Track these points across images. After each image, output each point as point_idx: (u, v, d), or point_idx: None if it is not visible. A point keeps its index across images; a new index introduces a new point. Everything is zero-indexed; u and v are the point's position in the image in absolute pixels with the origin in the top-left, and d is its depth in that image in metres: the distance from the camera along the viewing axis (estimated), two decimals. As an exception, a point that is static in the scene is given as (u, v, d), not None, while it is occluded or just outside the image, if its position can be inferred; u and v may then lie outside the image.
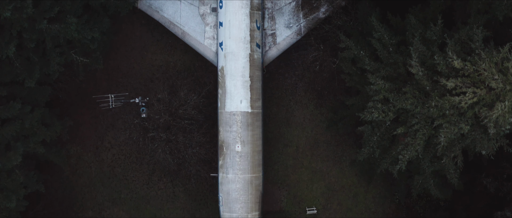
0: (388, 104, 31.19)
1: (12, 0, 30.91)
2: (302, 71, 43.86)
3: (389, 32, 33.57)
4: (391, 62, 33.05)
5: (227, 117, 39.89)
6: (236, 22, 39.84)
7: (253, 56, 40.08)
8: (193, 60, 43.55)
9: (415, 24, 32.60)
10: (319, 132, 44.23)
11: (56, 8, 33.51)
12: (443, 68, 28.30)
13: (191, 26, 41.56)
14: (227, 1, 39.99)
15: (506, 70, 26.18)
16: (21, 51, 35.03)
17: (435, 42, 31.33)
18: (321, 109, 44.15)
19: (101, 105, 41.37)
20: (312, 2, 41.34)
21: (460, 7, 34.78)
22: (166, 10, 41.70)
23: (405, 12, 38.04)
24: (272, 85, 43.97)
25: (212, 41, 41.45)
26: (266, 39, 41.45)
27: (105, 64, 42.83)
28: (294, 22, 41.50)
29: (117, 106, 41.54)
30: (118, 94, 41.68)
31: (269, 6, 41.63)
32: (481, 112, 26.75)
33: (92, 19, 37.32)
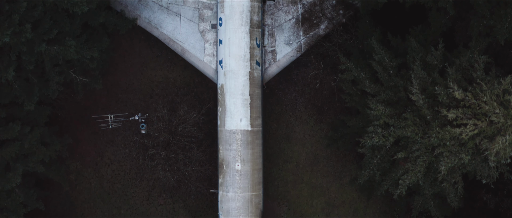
0: (388, 128, 31.10)
1: (11, 25, 30.71)
2: (302, 87, 43.72)
3: (390, 54, 33.42)
4: (391, 85, 32.92)
5: (227, 136, 39.79)
6: (236, 40, 39.67)
7: (253, 74, 39.93)
8: (193, 76, 43.41)
9: (416, 47, 32.45)
10: (319, 148, 44.15)
11: (55, 31, 33.35)
12: (443, 98, 28.19)
13: (190, 43, 41.39)
14: (226, 19, 39.81)
15: (507, 103, 26.06)
16: (20, 72, 34.87)
17: (436, 67, 31.18)
18: (321, 124, 44.05)
19: (101, 125, 41.24)
20: (312, 18, 41.17)
21: (461, 28, 34.63)
22: (165, 26, 41.53)
23: (406, 31, 37.95)
24: (272, 100, 43.86)
25: (212, 58, 41.29)
26: (266, 56, 41.30)
27: (104, 79, 42.66)
28: (294, 39, 41.34)
29: (116, 126, 41.40)
30: (117, 114, 41.55)
31: (269, 22, 41.45)
32: (482, 143, 26.68)
33: (91, 39, 37.19)
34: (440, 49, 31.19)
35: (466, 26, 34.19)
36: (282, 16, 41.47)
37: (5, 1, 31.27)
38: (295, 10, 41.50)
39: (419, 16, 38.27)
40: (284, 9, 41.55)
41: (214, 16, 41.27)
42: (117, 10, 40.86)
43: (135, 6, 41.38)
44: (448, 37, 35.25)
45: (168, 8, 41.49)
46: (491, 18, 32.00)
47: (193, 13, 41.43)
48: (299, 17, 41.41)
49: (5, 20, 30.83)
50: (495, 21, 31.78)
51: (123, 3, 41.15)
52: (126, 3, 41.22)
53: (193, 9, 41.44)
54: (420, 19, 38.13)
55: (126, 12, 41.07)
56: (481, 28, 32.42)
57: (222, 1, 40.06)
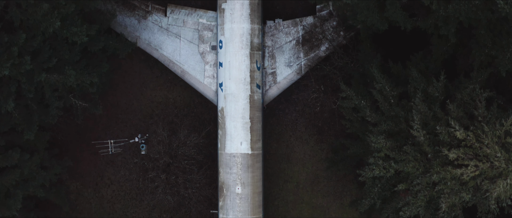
0: (389, 161, 31.05)
1: (10, 58, 30.55)
2: (303, 107, 43.58)
3: (390, 83, 33.30)
4: (392, 114, 32.83)
5: (227, 159, 39.74)
6: (236, 63, 39.52)
7: (253, 97, 39.81)
8: (193, 96, 43.27)
9: (417, 77, 32.33)
10: (319, 168, 44.09)
11: (54, 59, 33.20)
12: (445, 137, 28.13)
13: (190, 64, 41.23)
14: (227, 42, 39.64)
15: (509, 146, 26.00)
16: (20, 99, 34.74)
17: (437, 99, 31.07)
18: (321, 145, 43.98)
19: (101, 151, 41.15)
20: (312, 40, 40.99)
21: (462, 56, 34.49)
22: (165, 48, 41.35)
23: (407, 56, 37.80)
24: (272, 121, 43.75)
25: (212, 80, 41.15)
26: (266, 78, 41.16)
27: (104, 100, 42.58)
28: (294, 60, 41.18)
29: (116, 152, 41.33)
30: (117, 140, 41.47)
31: (269, 44, 41.27)
32: (483, 184, 26.66)
33: (91, 63, 37.03)
34: (441, 80, 31.07)
35: (467, 53, 34.05)
36: (283, 37, 41.29)
37: (4, 33, 31.09)
38: (296, 31, 41.32)
39: (420, 40, 38.11)
40: (285, 31, 41.37)
41: (214, 37, 41.10)
42: (116, 31, 40.68)
43: (134, 27, 41.19)
44: (449, 65, 35.13)
45: (168, 30, 41.31)
46: (492, 48, 31.86)
47: (193, 34, 41.24)
48: (299, 38, 41.24)
49: (4, 52, 30.67)
50: (496, 51, 31.65)
51: (123, 24, 40.94)
52: (126, 24, 41.03)
53: (193, 31, 41.25)
54: (421, 43, 38.00)
55: (126, 33, 40.93)
56: (483, 57, 32.30)
57: (222, 24, 39.87)
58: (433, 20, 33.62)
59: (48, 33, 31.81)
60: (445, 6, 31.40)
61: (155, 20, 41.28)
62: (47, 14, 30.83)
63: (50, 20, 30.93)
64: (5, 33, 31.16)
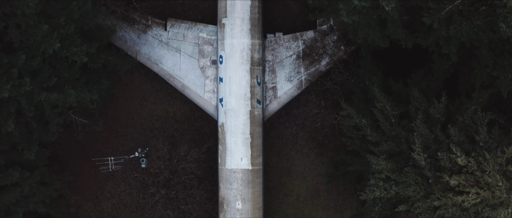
0: (390, 182, 30.99)
1: (10, 79, 30.42)
2: (303, 120, 43.47)
3: (392, 102, 33.19)
4: (393, 134, 32.75)
5: (227, 174, 39.68)
6: (236, 78, 39.41)
7: (253, 113, 39.72)
8: (193, 110, 43.16)
9: (418, 97, 32.22)
10: (320, 181, 44.04)
11: (54, 79, 33.06)
12: (446, 163, 28.05)
13: (191, 79, 41.12)
14: (227, 57, 39.52)
15: (511, 174, 25.91)
16: (20, 118, 34.64)
17: (438, 120, 30.98)
18: (322, 158, 43.91)
19: (101, 168, 41.08)
20: (313, 54, 40.86)
21: (464, 74, 34.37)
22: (165, 62, 41.23)
23: (408, 72, 37.71)
24: (273, 134, 43.67)
25: (212, 95, 41.04)
26: (266, 93, 41.05)
27: (104, 113, 42.49)
28: (295, 75, 41.07)
29: (116, 169, 41.26)
30: (117, 157, 41.39)
31: (269, 58, 41.14)
32: (484, 211, 26.60)
33: (91, 80, 36.89)
34: (443, 101, 30.97)
35: (469, 72, 33.93)
36: (283, 52, 41.17)
37: (4, 54, 30.95)
38: (296, 46, 41.19)
39: (421, 55, 37.98)
40: (285, 45, 41.24)
41: (215, 51, 40.97)
42: (116, 45, 40.55)
43: (134, 42, 41.06)
44: (450, 83, 35.02)
45: (168, 44, 41.17)
46: (494, 68, 31.75)
47: (193, 48, 41.11)
48: (300, 53, 41.12)
49: (4, 74, 30.52)
50: (498, 72, 31.53)
51: (123, 38, 40.80)
52: (125, 39, 40.89)
53: (193, 45, 41.12)
54: (422, 58, 37.87)
55: (126, 47, 40.83)
56: (484, 77, 32.19)
57: (222, 39, 39.74)
58: (435, 38, 33.51)
59: (48, 54, 31.65)
60: (447, 26, 31.28)
61: (155, 35, 41.15)
62: (47, 35, 30.69)
63: (50, 41, 30.79)
64: (5, 54, 31.00)
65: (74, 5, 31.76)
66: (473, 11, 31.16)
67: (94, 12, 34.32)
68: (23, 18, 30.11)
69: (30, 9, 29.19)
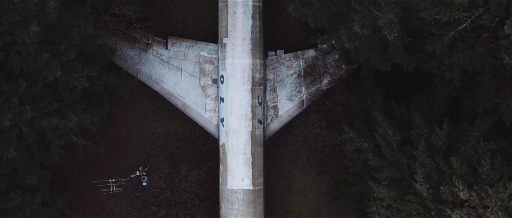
0: (391, 209, 31.01)
1: (11, 108, 30.31)
2: (304, 138, 43.43)
3: (394, 127, 33.15)
4: (395, 160, 32.74)
5: (228, 195, 39.68)
6: (237, 98, 39.32)
7: (254, 133, 39.66)
8: (194, 127, 43.09)
9: (421, 123, 32.18)
10: (320, 199, 44.06)
11: (55, 104, 32.96)
12: (448, 196, 28.05)
13: (191, 98, 41.02)
14: (228, 77, 39.41)
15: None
16: (21, 142, 34.52)
17: (440, 148, 30.97)
18: (323, 175, 43.91)
19: (102, 190, 41.05)
20: (314, 73, 40.76)
21: (466, 99, 34.29)
22: (166, 81, 41.12)
23: (410, 93, 37.64)
24: (274, 151, 43.64)
25: (213, 114, 40.97)
26: (268, 112, 40.98)
27: (105, 131, 42.42)
28: (296, 94, 41.00)
29: (118, 191, 41.23)
30: (118, 179, 41.34)
31: (270, 77, 41.04)
32: (487, 245, 26.72)
33: (92, 102, 36.78)
34: (445, 129, 30.94)
35: (471, 97, 33.85)
36: (284, 70, 41.07)
37: (4, 81, 30.82)
38: (297, 64, 41.09)
39: (424, 76, 37.87)
40: (286, 64, 41.13)
41: (215, 70, 40.86)
42: (117, 64, 40.42)
43: (135, 60, 40.92)
44: (453, 107, 34.95)
45: (168, 63, 41.05)
46: (496, 95, 31.69)
47: (194, 67, 41.00)
48: (301, 71, 41.01)
49: (5, 102, 30.41)
50: (500, 99, 31.46)
51: (124, 57, 40.67)
52: (126, 57, 40.76)
53: (194, 64, 41.00)
54: (424, 79, 37.75)
55: (126, 66, 40.73)
56: (487, 104, 32.11)
57: (223, 59, 39.63)
58: (437, 63, 33.43)
59: (49, 80, 31.53)
60: (449, 54, 31.21)
61: (156, 53, 41.00)
62: (48, 63, 30.55)
63: (51, 69, 30.66)
64: (5, 81, 30.86)
65: (75, 31, 31.61)
66: (475, 38, 31.08)
67: (95, 35, 34.17)
68: (24, 47, 29.96)
69: (30, 38, 29.04)
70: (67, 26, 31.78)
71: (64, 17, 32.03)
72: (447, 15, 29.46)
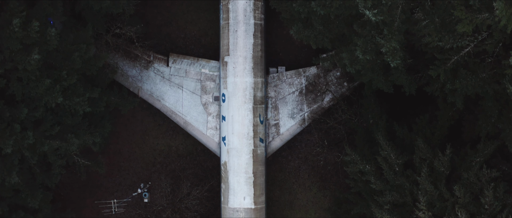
0: (394, 234, 31.06)
1: (12, 134, 30.24)
2: (305, 154, 43.35)
3: (396, 151, 33.08)
4: (397, 184, 32.70)
5: (230, 213, 39.65)
6: (239, 117, 39.23)
7: (256, 152, 39.58)
8: (195, 144, 43.02)
9: (423, 148, 32.12)
10: (322, 215, 44.04)
11: (57, 128, 32.88)
12: (451, 227, 28.14)
13: (193, 115, 40.93)
14: (230, 96, 39.30)
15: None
16: (22, 164, 34.47)
17: (443, 173, 30.92)
18: (324, 191, 43.88)
19: (104, 211, 41.01)
20: (316, 91, 40.65)
21: (468, 122, 34.20)
22: (167, 99, 41.01)
23: (412, 113, 37.58)
24: (275, 168, 43.61)
25: (215, 132, 40.88)
26: (269, 130, 40.89)
27: (107, 148, 42.36)
28: (297, 111, 40.90)
29: (119, 212, 41.20)
30: (120, 199, 41.32)
31: (272, 95, 40.93)
32: None
33: (93, 122, 36.71)
34: (447, 154, 30.89)
35: (474, 120, 33.76)
36: (286, 88, 40.95)
37: (6, 107, 30.71)
38: (299, 82, 40.96)
39: (426, 96, 37.76)
40: (288, 81, 41.01)
41: (217, 87, 40.76)
42: (118, 81, 40.31)
43: (136, 78, 40.81)
44: (455, 130, 34.88)
45: (170, 80, 40.93)
46: (499, 120, 31.62)
47: (195, 85, 40.88)
48: (302, 89, 40.90)
49: (6, 128, 30.32)
50: (503, 124, 31.38)
51: (125, 74, 40.54)
52: (128, 75, 40.64)
53: (195, 81, 40.88)
54: (427, 99, 37.63)
55: (128, 83, 40.64)
56: (489, 128, 32.03)
57: (225, 77, 39.50)
58: (439, 85, 33.32)
59: (50, 106, 31.45)
60: (452, 81, 31.11)
61: (157, 70, 40.88)
62: (49, 89, 30.43)
63: (53, 94, 30.55)
64: (7, 106, 30.75)
65: (76, 56, 31.48)
66: (478, 63, 30.98)
67: (96, 57, 34.05)
68: (25, 73, 29.85)
69: (32, 66, 28.93)
70: (68, 50, 31.64)
71: (65, 40, 31.89)
72: (450, 42, 29.37)
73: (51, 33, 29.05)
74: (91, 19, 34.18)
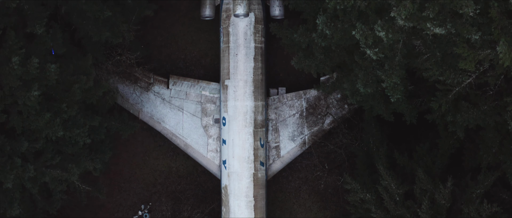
0: (394, 266, 31.14)
1: (13, 168, 30.21)
2: (306, 174, 43.32)
3: (396, 180, 33.09)
4: (398, 213, 32.73)
5: (231, 237, 39.76)
6: (239, 141, 39.18)
7: (257, 175, 39.58)
8: (196, 165, 42.99)
9: (424, 179, 32.12)
10: (322, 235, 44.20)
11: (57, 158, 32.86)
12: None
13: (193, 138, 40.88)
14: (230, 120, 39.23)
15: None
16: (23, 192, 34.45)
17: (444, 206, 30.96)
18: (325, 211, 43.89)
19: (105, 237, 41.14)
20: (316, 113, 40.58)
21: (469, 151, 34.16)
22: (168, 121, 40.94)
23: (413, 139, 37.54)
24: (275, 188, 43.60)
25: (215, 154, 40.85)
26: (270, 152, 40.85)
27: (107, 169, 42.24)
28: (298, 134, 40.84)
29: (120, 237, 41.33)
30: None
31: (273, 117, 40.86)
32: None
33: (94, 149, 36.67)
34: (448, 187, 30.91)
35: (475, 149, 33.73)
36: (286, 110, 40.87)
37: (6, 140, 30.66)
38: (299, 104, 40.88)
39: (426, 122, 37.70)
40: (288, 103, 40.92)
41: (217, 109, 40.69)
42: (118, 103, 40.21)
43: (137, 100, 40.74)
44: (456, 158, 34.86)
45: (170, 102, 40.86)
46: (500, 151, 31.60)
47: (195, 107, 40.81)
48: (303, 111, 40.82)
49: (7, 162, 30.29)
50: (504, 155, 31.37)
51: (125, 96, 40.46)
52: (128, 96, 40.56)
53: (195, 103, 40.80)
54: (427, 125, 37.57)
55: (128, 105, 40.58)
56: (490, 159, 32.02)
57: (225, 100, 39.41)
58: (440, 113, 33.26)
59: (50, 138, 31.41)
60: (454, 113, 31.06)
61: (157, 93, 40.78)
62: (50, 122, 30.36)
63: (53, 128, 30.50)
64: (7, 139, 30.70)
65: (76, 88, 31.37)
66: (480, 95, 30.91)
67: (97, 87, 33.94)
68: (25, 107, 29.77)
69: (32, 102, 28.83)
70: (68, 81, 31.54)
71: (65, 71, 31.78)
72: (451, 77, 29.30)
73: (50, 68, 28.92)
74: (91, 49, 34.05)
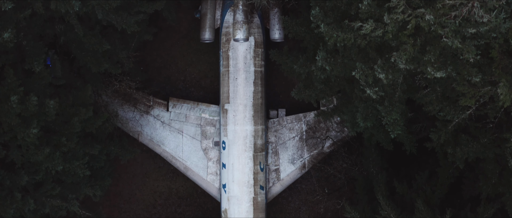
0: None
1: (14, 202, 30.24)
2: (306, 195, 43.39)
3: (396, 211, 33.12)
4: (397, 243, 32.85)
5: (231, 260, 39.87)
6: (239, 166, 39.19)
7: (256, 199, 39.63)
8: (196, 186, 43.03)
9: (423, 210, 32.16)
10: (322, 255, 44.33)
11: (57, 188, 32.89)
12: None
13: (193, 161, 40.90)
14: (230, 144, 39.22)
15: None
16: (23, 217, 34.60)
17: (443, 238, 31.11)
18: (324, 232, 44.10)
19: (105, 261, 41.27)
20: (316, 136, 40.58)
21: (469, 180, 34.18)
22: (168, 144, 40.93)
23: (413, 166, 37.56)
24: (275, 209, 43.68)
25: (215, 177, 40.89)
26: (269, 175, 40.88)
27: (107, 190, 42.25)
28: (298, 157, 40.85)
29: (121, 263, 41.45)
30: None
31: (272, 140, 40.85)
32: None
33: (94, 175, 36.69)
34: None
35: (474, 178, 33.75)
36: (286, 133, 40.85)
37: (6, 173, 30.67)
38: (299, 127, 40.85)
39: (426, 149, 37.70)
40: (288, 126, 40.89)
41: (217, 132, 40.67)
42: (118, 126, 40.20)
43: (137, 122, 40.72)
44: (456, 188, 34.89)
45: (170, 125, 40.82)
46: (500, 183, 31.61)
47: (195, 130, 40.78)
48: (303, 134, 40.80)
49: (7, 196, 30.32)
50: (504, 187, 31.37)
51: (125, 118, 40.44)
52: (127, 119, 40.53)
53: (195, 126, 40.77)
54: (427, 152, 37.53)
55: (127, 128, 40.57)
56: (490, 190, 32.03)
57: (225, 124, 39.37)
58: (440, 143, 33.20)
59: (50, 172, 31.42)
60: (453, 145, 31.03)
61: (157, 115, 40.75)
62: (49, 156, 30.36)
63: (53, 162, 30.50)
64: (6, 173, 30.70)
65: (76, 120, 31.33)
66: (480, 128, 30.85)
67: (96, 117, 33.90)
68: (24, 142, 29.75)
69: (31, 139, 28.81)
70: (67, 113, 31.48)
71: (65, 103, 31.71)
72: (451, 114, 29.25)
73: (49, 104, 28.86)
74: (90, 78, 33.97)
